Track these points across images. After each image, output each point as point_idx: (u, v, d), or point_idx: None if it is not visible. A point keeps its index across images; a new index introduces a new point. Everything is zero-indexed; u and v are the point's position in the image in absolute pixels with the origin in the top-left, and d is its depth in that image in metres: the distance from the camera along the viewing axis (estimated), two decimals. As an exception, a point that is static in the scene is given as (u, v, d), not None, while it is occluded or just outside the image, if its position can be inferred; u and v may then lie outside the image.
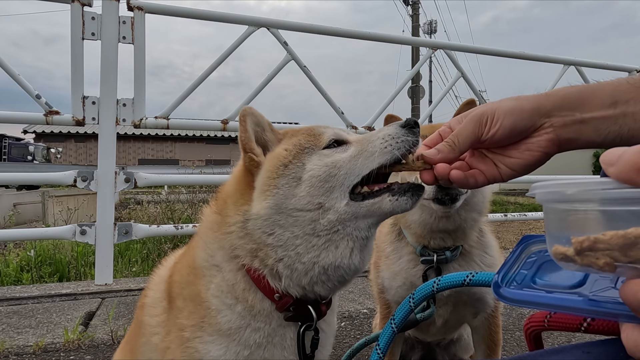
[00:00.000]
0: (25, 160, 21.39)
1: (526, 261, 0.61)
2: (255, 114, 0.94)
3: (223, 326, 0.90)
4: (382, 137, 0.89)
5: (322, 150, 0.92)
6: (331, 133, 0.95)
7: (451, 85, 4.25)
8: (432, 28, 36.08)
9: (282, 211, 0.87)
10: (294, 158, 0.90)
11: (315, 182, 0.87)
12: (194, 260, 0.98)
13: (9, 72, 2.79)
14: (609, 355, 0.47)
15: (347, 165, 0.88)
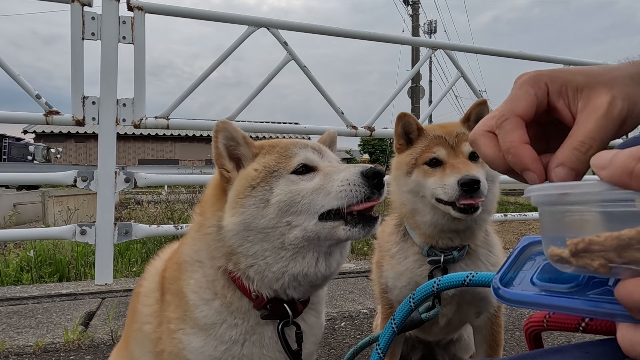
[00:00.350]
0: (25, 160, 21.38)
1: (526, 262, 0.61)
2: (228, 129, 0.98)
3: (200, 321, 0.96)
4: (340, 180, 0.90)
5: (290, 175, 0.94)
6: (302, 157, 0.96)
7: (451, 85, 4.24)
8: (432, 28, 36.08)
9: (250, 229, 0.92)
10: (261, 181, 0.94)
11: (282, 206, 0.91)
12: (180, 255, 1.04)
13: (9, 72, 2.79)
14: (608, 355, 0.48)
15: (309, 196, 0.91)
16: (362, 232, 0.91)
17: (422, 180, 1.38)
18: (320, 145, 1.05)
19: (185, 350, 0.95)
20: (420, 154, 1.41)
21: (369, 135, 3.75)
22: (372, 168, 0.91)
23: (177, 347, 0.96)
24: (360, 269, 3.44)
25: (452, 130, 1.42)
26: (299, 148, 0.98)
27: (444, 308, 1.41)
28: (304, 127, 4.08)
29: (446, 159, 1.37)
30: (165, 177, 3.82)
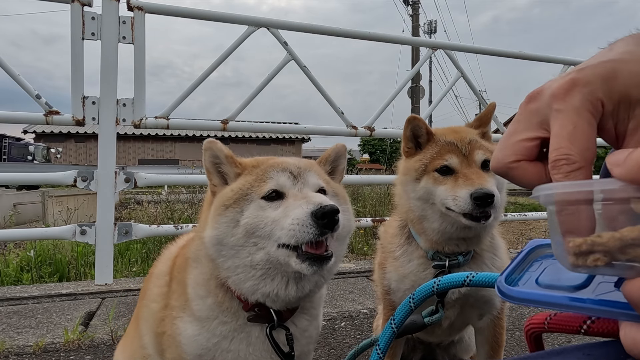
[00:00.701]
0: (25, 160, 21.37)
1: (532, 264, 0.61)
2: (213, 148, 1.05)
3: (196, 313, 1.04)
4: (292, 218, 0.93)
5: (260, 200, 0.99)
6: (273, 183, 1.00)
7: (451, 85, 4.24)
8: (432, 28, 36.07)
9: (223, 244, 0.99)
10: (234, 202, 1.00)
11: (249, 228, 0.97)
12: (188, 249, 1.13)
13: (9, 72, 2.79)
14: (609, 356, 0.47)
15: (270, 225, 0.96)
16: (310, 270, 0.94)
17: (432, 188, 1.36)
18: (302, 169, 1.05)
19: (180, 335, 1.04)
20: (430, 160, 1.38)
21: (369, 135, 3.75)
22: (322, 208, 0.91)
23: (175, 332, 1.05)
24: (360, 269, 3.44)
25: (465, 137, 1.38)
26: (276, 172, 1.02)
27: (447, 311, 1.39)
28: (304, 127, 4.07)
29: (458, 168, 1.34)
30: (165, 177, 3.82)
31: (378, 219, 3.93)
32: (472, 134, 1.42)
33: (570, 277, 0.51)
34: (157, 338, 1.10)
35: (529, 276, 0.58)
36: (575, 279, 0.51)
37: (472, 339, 1.62)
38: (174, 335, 1.05)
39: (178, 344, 1.04)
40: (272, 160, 1.07)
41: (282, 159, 1.08)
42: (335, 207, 0.91)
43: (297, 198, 0.97)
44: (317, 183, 1.04)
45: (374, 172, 25.04)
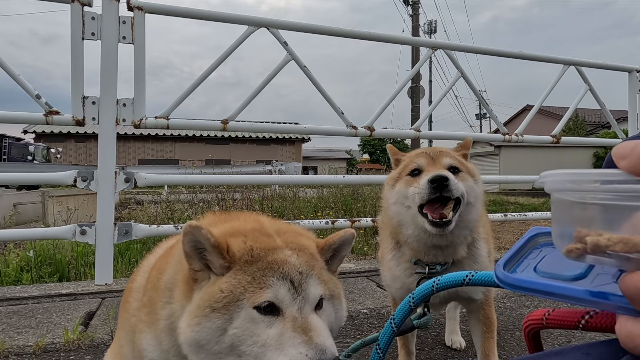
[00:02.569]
0: (25, 160, 21.37)
1: (531, 251, 0.61)
2: (195, 234, 0.88)
3: (163, 345, 0.96)
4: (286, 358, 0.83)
5: (252, 311, 0.85)
6: (272, 294, 0.86)
7: (451, 85, 4.25)
8: (432, 28, 36.03)
9: (204, 349, 0.86)
10: (223, 307, 0.85)
11: (236, 340, 0.85)
12: (164, 270, 1.01)
13: (8, 72, 2.79)
14: (609, 355, 0.48)
15: (260, 348, 0.84)
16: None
17: (404, 190, 1.47)
18: (303, 275, 0.92)
19: (143, 352, 1.00)
20: (404, 167, 1.54)
21: (369, 136, 3.75)
22: (324, 353, 0.82)
23: (139, 346, 1.00)
24: (360, 269, 3.44)
25: (436, 149, 1.55)
26: (277, 278, 0.88)
27: (433, 310, 1.52)
28: (304, 127, 4.08)
29: (425, 167, 1.47)
30: (165, 177, 3.82)
31: (378, 219, 3.93)
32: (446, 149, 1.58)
33: (568, 267, 0.51)
34: (134, 346, 1.06)
35: (527, 263, 0.58)
36: (574, 269, 0.51)
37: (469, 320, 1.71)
38: (139, 349, 1.00)
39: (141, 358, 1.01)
40: (271, 257, 0.91)
41: (283, 255, 0.92)
42: (335, 354, 0.83)
43: (295, 326, 0.85)
44: (317, 294, 0.92)
45: (374, 172, 25.04)
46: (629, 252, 0.39)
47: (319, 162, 40.36)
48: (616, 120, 5.11)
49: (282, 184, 9.90)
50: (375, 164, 42.09)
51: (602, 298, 0.45)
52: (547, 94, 4.37)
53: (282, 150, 33.62)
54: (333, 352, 0.82)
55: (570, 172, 0.45)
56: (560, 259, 0.50)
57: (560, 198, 0.47)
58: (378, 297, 2.73)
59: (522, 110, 35.38)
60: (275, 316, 0.86)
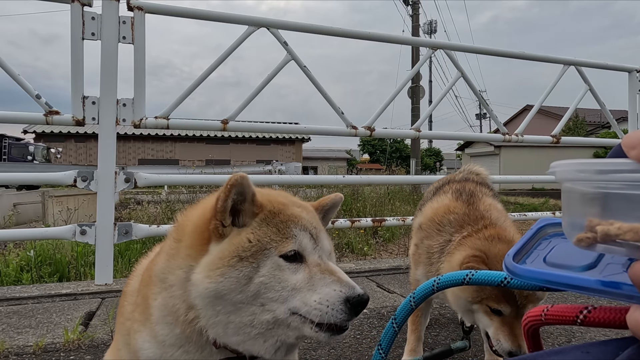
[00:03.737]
0: (25, 160, 21.37)
1: (541, 242, 0.61)
2: (243, 184, 0.90)
3: (158, 337, 0.96)
4: (321, 297, 0.87)
5: (279, 259, 0.89)
6: (297, 243, 0.92)
7: (451, 85, 4.24)
8: (432, 28, 36.04)
9: (224, 299, 0.88)
10: (251, 256, 0.88)
11: (262, 288, 0.88)
12: (155, 265, 1.02)
13: (8, 72, 2.78)
14: (609, 354, 0.47)
15: (288, 291, 0.89)
16: (327, 339, 0.90)
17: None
18: (317, 229, 0.98)
19: (139, 352, 0.99)
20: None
21: (369, 136, 3.75)
22: (360, 297, 0.87)
23: (134, 347, 1.01)
24: (360, 269, 3.44)
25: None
26: (299, 229, 0.94)
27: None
28: (304, 127, 4.08)
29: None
30: (165, 177, 3.82)
31: (378, 219, 3.94)
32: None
33: (578, 257, 0.51)
34: (130, 347, 1.06)
35: (537, 254, 0.58)
36: (584, 259, 0.50)
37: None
38: (134, 350, 1.00)
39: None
40: (289, 211, 0.96)
41: (297, 210, 0.98)
42: (368, 297, 0.89)
43: (321, 269, 0.91)
44: (329, 247, 1.00)
45: (374, 172, 25.03)
46: (639, 240, 0.39)
47: (319, 162, 40.35)
48: (616, 120, 5.10)
49: (282, 184, 9.90)
50: (375, 164, 42.08)
51: (614, 287, 0.45)
52: (547, 94, 4.37)
53: (282, 150, 33.61)
54: (360, 289, 0.89)
55: (581, 161, 0.45)
56: (570, 250, 0.50)
57: (571, 187, 0.47)
58: (378, 297, 2.73)
59: (522, 110, 35.38)
60: (300, 263, 0.92)
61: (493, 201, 1.69)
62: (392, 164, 26.50)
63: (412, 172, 19.08)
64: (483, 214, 1.56)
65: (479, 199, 1.65)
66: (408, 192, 11.94)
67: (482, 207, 1.59)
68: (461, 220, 1.56)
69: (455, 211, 1.60)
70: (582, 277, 0.49)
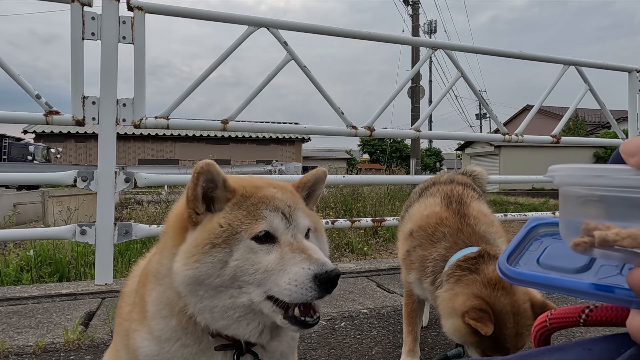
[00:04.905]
0: (25, 160, 21.36)
1: (532, 243, 0.61)
2: (211, 171, 0.92)
3: (155, 332, 0.97)
4: (289, 277, 0.87)
5: (250, 242, 0.90)
6: (267, 224, 0.92)
7: (451, 85, 4.24)
8: (432, 28, 36.04)
9: (203, 285, 0.89)
10: (223, 241, 0.89)
11: (238, 271, 0.89)
12: (150, 264, 1.03)
13: (8, 72, 2.78)
14: (610, 351, 0.47)
15: (261, 273, 0.89)
16: (295, 330, 0.92)
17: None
18: (292, 207, 0.98)
19: (138, 351, 0.99)
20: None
21: (369, 136, 3.75)
22: (328, 274, 0.86)
23: (133, 346, 1.01)
24: (360, 269, 3.44)
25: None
26: (270, 210, 0.94)
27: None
28: (304, 127, 4.07)
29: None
30: (165, 177, 3.82)
31: (378, 219, 3.93)
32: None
33: (572, 259, 0.50)
34: (128, 354, 1.07)
35: (529, 256, 0.58)
36: (578, 260, 0.50)
37: None
38: (133, 349, 1.01)
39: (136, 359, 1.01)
40: (261, 193, 0.97)
41: (271, 191, 0.98)
42: (339, 272, 0.88)
43: (292, 248, 0.91)
44: (306, 224, 0.98)
45: (374, 172, 25.03)
46: (637, 247, 0.38)
47: (319, 162, 40.34)
48: (616, 120, 5.10)
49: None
50: (375, 164, 42.07)
51: (608, 291, 0.45)
52: (547, 94, 4.36)
53: (282, 150, 33.61)
54: (332, 265, 0.88)
55: (580, 166, 0.45)
56: (563, 250, 0.49)
57: (568, 191, 0.47)
58: (378, 297, 2.73)
59: (522, 110, 35.37)
60: (272, 244, 0.92)
61: (480, 206, 1.71)
62: (392, 164, 26.50)
63: (412, 172, 19.08)
64: (474, 229, 1.57)
65: (468, 205, 1.66)
66: (408, 192, 11.93)
67: (473, 220, 1.60)
68: (455, 235, 1.56)
69: (448, 223, 1.59)
70: (576, 280, 0.48)
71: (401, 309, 2.46)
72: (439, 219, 1.62)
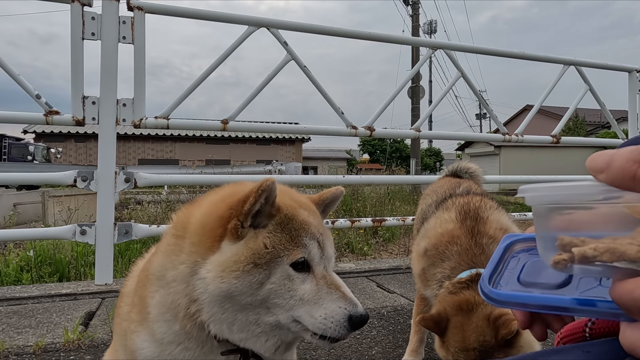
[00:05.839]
0: (25, 160, 21.35)
1: (509, 261, 0.60)
2: (273, 189, 0.90)
3: (157, 335, 0.96)
4: (326, 312, 0.90)
5: (289, 268, 0.91)
6: (306, 252, 0.93)
7: (451, 85, 4.24)
8: (432, 28, 36.04)
9: (233, 300, 0.89)
10: (265, 263, 0.89)
11: (272, 295, 0.90)
12: (151, 264, 1.02)
13: (8, 71, 2.78)
14: (609, 354, 0.47)
15: (294, 300, 0.91)
16: (326, 345, 0.94)
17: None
18: (324, 234, 0.99)
19: (137, 352, 0.99)
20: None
21: (369, 136, 3.75)
22: (362, 317, 0.91)
23: (132, 347, 1.00)
24: (360, 269, 3.44)
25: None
26: (309, 238, 0.94)
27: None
28: (304, 127, 4.08)
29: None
30: (165, 177, 3.82)
31: (378, 219, 3.93)
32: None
33: (551, 274, 0.50)
34: (126, 354, 1.07)
35: (509, 275, 0.57)
36: (557, 275, 0.50)
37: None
38: (131, 350, 1.01)
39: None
40: (300, 217, 0.96)
41: (307, 216, 0.98)
42: (368, 316, 0.93)
43: (327, 282, 0.94)
44: (333, 254, 1.01)
45: (374, 172, 25.03)
46: (616, 261, 0.38)
47: (319, 162, 40.33)
48: (616, 120, 5.10)
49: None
50: (375, 164, 42.07)
51: (590, 305, 0.44)
52: (547, 94, 4.37)
53: (282, 150, 33.60)
54: (362, 308, 0.93)
55: (549, 185, 0.45)
56: (541, 266, 0.49)
57: (539, 208, 0.47)
58: (378, 297, 2.73)
59: (522, 110, 35.36)
60: (307, 273, 0.93)
61: (500, 219, 1.66)
62: (392, 164, 26.49)
63: (412, 172, 19.08)
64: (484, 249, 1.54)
65: (485, 221, 1.62)
66: (408, 192, 11.94)
67: (486, 239, 1.56)
68: (463, 254, 1.55)
69: (458, 242, 1.58)
70: (558, 296, 0.48)
71: (401, 309, 2.46)
72: (451, 238, 1.60)
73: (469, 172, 2.17)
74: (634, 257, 0.38)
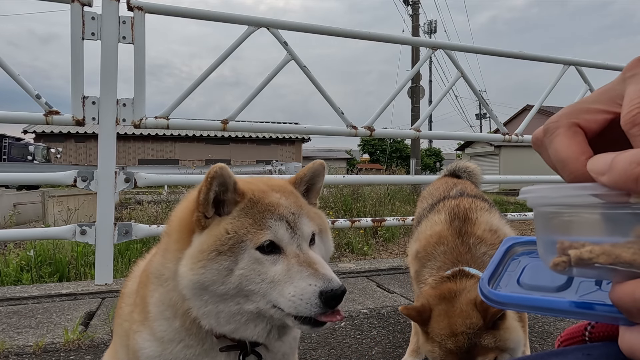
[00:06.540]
0: (25, 160, 21.36)
1: (510, 263, 0.60)
2: (224, 175, 0.91)
3: (158, 333, 0.97)
4: (295, 289, 0.87)
5: (255, 252, 0.89)
6: (272, 234, 0.91)
7: (451, 85, 4.24)
8: (432, 28, 36.06)
9: (208, 290, 0.89)
10: (228, 249, 0.88)
11: (243, 280, 0.88)
12: (151, 264, 1.03)
13: (8, 71, 2.78)
14: (609, 356, 0.47)
15: (267, 284, 0.89)
16: (309, 330, 0.92)
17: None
18: (296, 215, 0.96)
19: (139, 352, 0.99)
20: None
21: (369, 136, 3.75)
22: (334, 291, 0.86)
23: (134, 347, 1.00)
24: (360, 269, 3.44)
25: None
26: (275, 219, 0.92)
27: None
28: (304, 127, 4.08)
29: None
30: (165, 177, 3.82)
31: (378, 219, 3.93)
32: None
33: (551, 277, 0.50)
34: (128, 349, 1.07)
35: (509, 277, 0.57)
36: (557, 278, 0.50)
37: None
38: (134, 350, 1.01)
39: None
40: (268, 199, 0.95)
41: (275, 197, 0.96)
42: (344, 289, 0.88)
43: (299, 260, 0.90)
44: (309, 231, 0.97)
45: (374, 172, 25.03)
46: (612, 263, 0.38)
47: (319, 162, 40.23)
48: (616, 120, 5.09)
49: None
50: (375, 164, 42.08)
51: (588, 309, 0.44)
52: (547, 94, 4.36)
53: (282, 150, 33.60)
54: (338, 281, 0.88)
55: (552, 187, 0.44)
56: (542, 269, 0.49)
57: (541, 211, 0.47)
58: (378, 297, 2.73)
59: (522, 110, 35.31)
60: (278, 254, 0.91)
61: (491, 220, 1.66)
62: (392, 164, 26.50)
63: (412, 172, 19.08)
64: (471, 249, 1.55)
65: (473, 222, 1.62)
66: (408, 192, 11.94)
67: (474, 239, 1.57)
68: (449, 254, 1.55)
69: (445, 242, 1.58)
70: (556, 299, 0.48)
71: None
72: (439, 239, 1.61)
73: (468, 172, 2.17)
74: (629, 259, 0.38)
